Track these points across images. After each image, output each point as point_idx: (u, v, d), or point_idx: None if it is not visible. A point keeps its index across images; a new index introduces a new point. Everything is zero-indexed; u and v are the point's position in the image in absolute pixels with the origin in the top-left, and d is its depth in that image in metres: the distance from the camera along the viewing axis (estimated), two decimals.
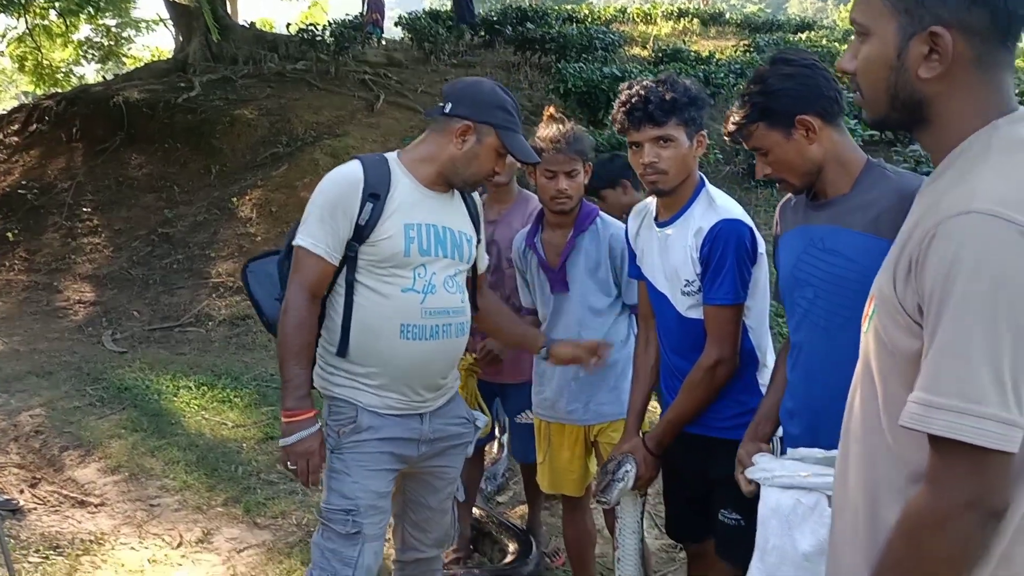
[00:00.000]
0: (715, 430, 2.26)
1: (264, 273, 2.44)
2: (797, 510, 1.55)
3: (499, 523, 3.48)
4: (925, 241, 1.04)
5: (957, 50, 1.09)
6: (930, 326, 1.03)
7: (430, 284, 2.21)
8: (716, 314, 2.19)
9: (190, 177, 9.81)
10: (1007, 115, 1.10)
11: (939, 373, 1.01)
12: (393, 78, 11.90)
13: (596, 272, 2.67)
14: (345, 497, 2.19)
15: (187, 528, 3.64)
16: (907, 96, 1.14)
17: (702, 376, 2.21)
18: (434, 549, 2.50)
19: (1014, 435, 0.99)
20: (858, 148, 1.92)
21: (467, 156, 2.23)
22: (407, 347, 2.19)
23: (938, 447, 1.03)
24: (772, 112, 1.87)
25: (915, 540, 1.04)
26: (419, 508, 2.43)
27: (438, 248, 2.24)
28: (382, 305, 2.18)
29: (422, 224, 2.22)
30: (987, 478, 1.00)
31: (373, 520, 2.22)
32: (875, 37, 1.15)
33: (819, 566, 1.48)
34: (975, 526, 1.01)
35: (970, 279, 0.99)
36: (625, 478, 2.29)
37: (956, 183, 1.07)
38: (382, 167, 2.22)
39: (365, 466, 2.20)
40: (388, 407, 2.23)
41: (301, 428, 2.14)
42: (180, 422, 4.87)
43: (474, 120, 2.21)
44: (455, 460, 2.45)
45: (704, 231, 2.19)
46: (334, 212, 2.15)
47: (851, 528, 1.19)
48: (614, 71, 10.32)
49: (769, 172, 1.93)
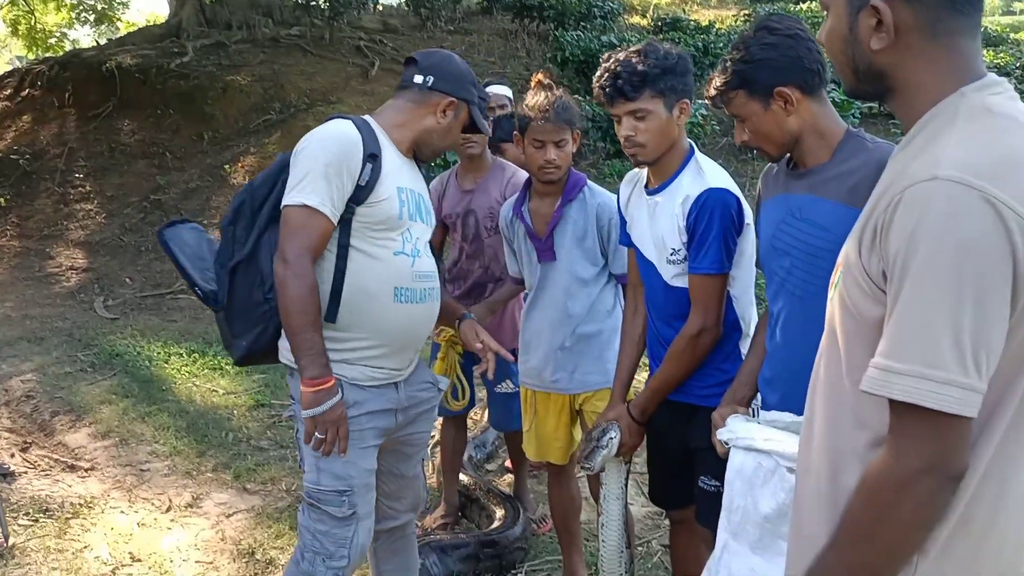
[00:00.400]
0: (697, 397, 2.27)
1: (182, 241, 2.33)
2: (759, 473, 1.58)
3: (487, 490, 3.50)
4: (890, 207, 1.04)
5: (903, 20, 1.09)
6: (893, 292, 1.03)
7: (416, 248, 2.22)
8: (701, 283, 2.20)
9: (182, 144, 9.76)
10: (975, 82, 1.10)
11: (900, 338, 1.01)
12: (389, 44, 11.79)
13: (583, 241, 2.66)
14: (339, 478, 2.13)
15: (176, 493, 3.67)
16: (866, 67, 1.15)
17: (685, 344, 2.23)
18: (409, 514, 2.51)
19: (973, 400, 0.99)
20: (838, 118, 1.92)
21: (444, 129, 2.27)
22: (400, 310, 2.17)
23: (898, 412, 1.03)
24: (751, 81, 1.87)
25: (874, 502, 1.05)
26: (392, 479, 2.41)
27: (418, 213, 2.26)
28: (376, 268, 2.15)
29: (407, 188, 2.22)
30: (946, 442, 1.01)
31: (366, 499, 2.20)
32: (832, 11, 1.18)
33: (779, 527, 1.50)
34: (933, 489, 1.02)
35: (933, 245, 0.99)
36: (609, 445, 2.31)
37: (923, 150, 1.07)
38: (370, 128, 2.19)
39: (356, 444, 2.15)
40: (369, 378, 2.18)
41: (329, 396, 2.06)
42: (171, 388, 4.88)
43: (456, 97, 2.25)
44: (426, 425, 2.44)
45: (691, 200, 2.19)
46: (339, 170, 2.08)
47: (814, 492, 1.20)
48: (612, 40, 10.26)
49: (747, 139, 1.93)
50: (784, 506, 1.50)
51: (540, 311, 2.73)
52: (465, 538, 3.19)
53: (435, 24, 13.14)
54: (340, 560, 2.15)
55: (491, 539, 3.14)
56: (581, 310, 2.66)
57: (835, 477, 1.16)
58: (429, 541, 3.13)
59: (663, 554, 3.23)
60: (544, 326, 2.72)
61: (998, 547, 1.09)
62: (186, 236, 2.35)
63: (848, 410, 1.15)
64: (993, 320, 1.00)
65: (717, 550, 1.68)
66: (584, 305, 2.66)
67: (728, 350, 2.28)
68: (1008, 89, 1.11)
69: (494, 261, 3.08)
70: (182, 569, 3.10)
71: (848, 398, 1.14)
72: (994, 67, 12.31)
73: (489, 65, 11.57)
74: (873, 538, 1.06)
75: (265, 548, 3.19)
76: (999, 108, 1.07)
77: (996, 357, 1.01)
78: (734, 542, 1.62)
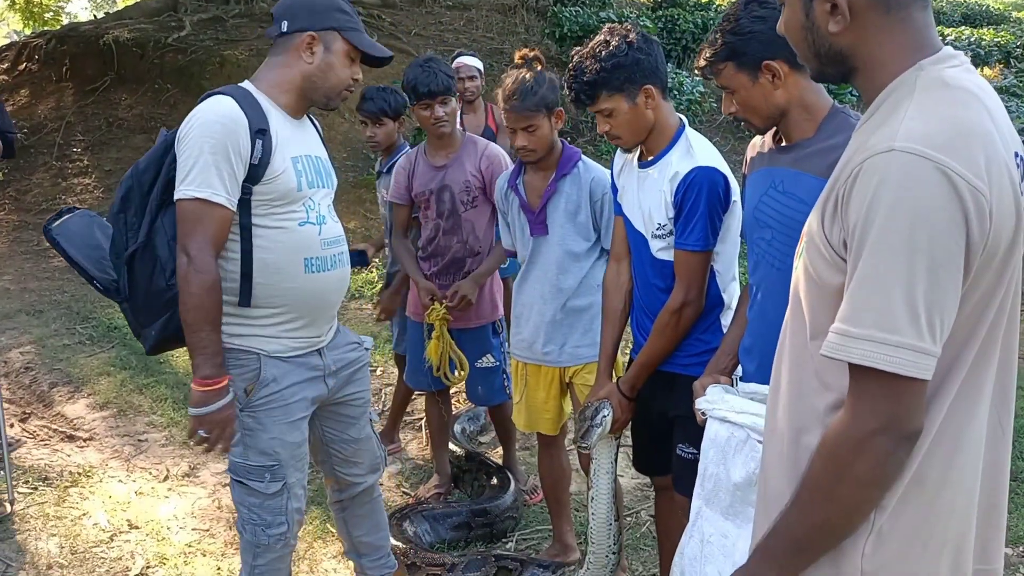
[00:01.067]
0: (679, 367, 2.32)
1: (70, 233, 2.27)
2: (731, 442, 1.62)
3: (479, 461, 3.57)
4: (850, 179, 1.08)
5: (856, 2, 1.13)
6: (852, 260, 1.07)
7: (320, 215, 2.18)
8: (686, 259, 2.24)
9: (180, 118, 9.47)
10: (932, 56, 1.13)
11: (857, 305, 1.05)
12: (387, 20, 11.72)
13: (576, 216, 2.69)
14: (264, 454, 2.14)
15: (174, 463, 3.73)
16: (827, 51, 1.19)
17: (669, 318, 2.28)
18: (371, 476, 2.51)
19: (926, 363, 1.04)
20: (825, 93, 1.94)
21: (321, 68, 2.13)
22: (312, 280, 2.14)
23: (856, 375, 1.07)
24: (740, 54, 1.89)
25: (834, 462, 1.10)
26: (344, 444, 2.41)
27: (318, 178, 2.20)
28: (283, 242, 2.10)
29: (302, 156, 2.15)
30: (901, 403, 1.05)
31: (295, 467, 2.20)
32: (787, 4, 1.22)
33: (749, 495, 1.55)
34: (890, 448, 1.07)
35: (889, 215, 1.03)
36: (603, 423, 2.35)
37: (882, 123, 1.10)
38: (252, 100, 2.08)
39: (279, 420, 2.15)
40: (289, 349, 2.17)
41: (218, 397, 2.02)
42: (168, 361, 4.93)
43: (315, 29, 2.10)
44: (362, 384, 2.43)
45: (679, 176, 2.22)
46: (227, 156, 1.98)
47: (778, 454, 1.24)
48: (611, 15, 10.20)
49: (735, 111, 1.96)
50: (754, 475, 1.54)
51: (531, 284, 2.77)
52: (457, 507, 3.26)
53: None
54: (279, 527, 2.19)
55: (482, 508, 3.21)
56: (572, 284, 2.70)
57: (798, 438, 1.21)
58: (422, 510, 3.19)
59: (651, 524, 3.29)
60: (535, 299, 2.76)
61: (950, 503, 1.14)
62: (74, 228, 2.29)
63: (812, 374, 1.19)
64: (947, 286, 1.03)
65: (692, 515, 1.73)
66: (575, 279, 2.70)
67: (709, 322, 2.32)
68: (965, 62, 1.14)
69: (472, 236, 3.10)
70: (179, 536, 3.16)
71: (812, 363, 1.18)
72: (995, 45, 12.25)
73: (488, 41, 11.52)
74: (833, 497, 1.11)
75: None
76: (955, 81, 1.10)
77: (950, 322, 1.06)
78: (707, 508, 1.67)
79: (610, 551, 2.53)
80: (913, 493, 1.11)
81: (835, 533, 1.13)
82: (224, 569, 2.96)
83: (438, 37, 11.63)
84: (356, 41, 2.15)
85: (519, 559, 2.85)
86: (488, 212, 3.11)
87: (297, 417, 2.20)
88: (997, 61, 12.03)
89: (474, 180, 3.07)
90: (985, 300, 1.10)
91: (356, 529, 2.56)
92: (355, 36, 2.15)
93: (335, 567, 2.93)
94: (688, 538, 1.73)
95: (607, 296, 2.53)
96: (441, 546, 3.09)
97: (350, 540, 2.60)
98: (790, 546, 1.16)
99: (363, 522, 2.56)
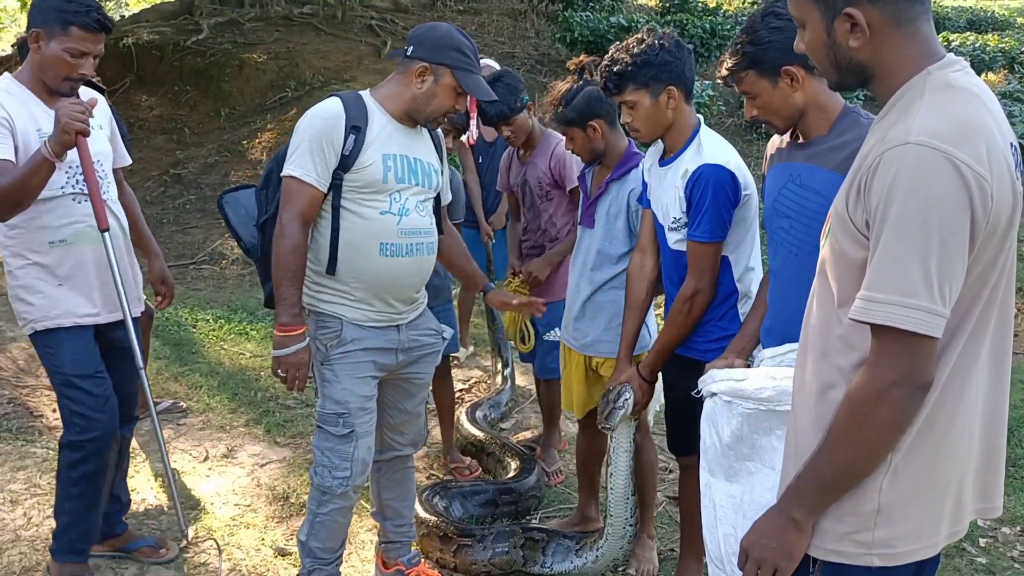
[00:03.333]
0: (699, 352, 2.50)
1: (237, 203, 2.65)
2: (715, 410, 1.80)
3: (502, 444, 3.75)
4: (872, 168, 1.26)
5: (873, 19, 1.30)
6: (874, 237, 1.25)
7: (404, 208, 2.46)
8: (696, 249, 2.42)
9: (200, 119, 9.95)
10: (938, 62, 1.31)
11: (880, 274, 1.23)
12: (400, 24, 11.92)
13: (616, 220, 2.84)
14: (337, 402, 2.48)
15: (212, 445, 3.92)
16: (847, 63, 1.36)
17: (680, 306, 2.45)
18: (410, 448, 2.82)
19: (938, 323, 1.22)
20: (837, 95, 2.13)
21: (426, 95, 2.43)
22: (386, 263, 2.43)
23: (878, 334, 1.26)
24: (761, 62, 2.07)
25: (858, 409, 1.28)
26: (397, 412, 2.73)
27: (411, 176, 2.47)
28: (364, 226, 2.41)
29: (396, 155, 2.44)
30: (916, 358, 1.23)
31: (363, 420, 2.52)
32: (808, 26, 1.38)
33: (740, 450, 1.73)
34: (906, 397, 1.25)
35: (906, 198, 1.21)
36: (625, 406, 2.54)
37: (898, 120, 1.28)
38: (359, 103, 2.43)
39: (351, 374, 2.48)
40: (369, 319, 2.49)
41: (295, 342, 2.37)
42: (200, 351, 5.12)
43: (430, 61, 2.41)
44: (427, 367, 2.73)
45: (689, 173, 2.41)
46: (321, 144, 2.34)
47: (806, 406, 1.42)
48: (621, 20, 10.38)
49: (756, 114, 2.14)
50: (737, 431, 1.73)
51: (574, 270, 2.97)
52: (484, 485, 3.44)
53: (445, 3, 13.26)
54: (343, 471, 2.51)
55: (508, 487, 3.39)
56: (603, 278, 2.87)
57: (824, 394, 1.38)
58: (451, 487, 3.38)
59: (668, 504, 3.47)
60: (573, 285, 2.96)
61: (956, 445, 1.32)
62: (241, 199, 2.67)
63: (836, 338, 1.37)
64: (955, 258, 1.22)
65: (702, 490, 1.89)
66: (606, 276, 2.86)
67: (725, 309, 2.49)
68: (965, 67, 1.33)
69: (550, 224, 3.41)
70: (222, 511, 3.34)
71: (838, 328, 1.36)
72: (999, 51, 12.42)
73: (498, 45, 11.71)
74: (857, 439, 1.29)
75: (299, 493, 3.43)
76: (958, 83, 1.29)
77: (958, 288, 1.24)
78: (712, 478, 1.83)
79: (627, 523, 2.70)
80: (924, 436, 1.30)
81: (858, 472, 1.31)
82: (267, 540, 3.13)
83: None
84: (462, 80, 2.42)
85: (545, 530, 3.03)
86: (565, 203, 3.38)
87: (367, 375, 2.52)
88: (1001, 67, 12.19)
89: (544, 176, 3.35)
90: (987, 270, 1.28)
91: (386, 492, 2.84)
92: (463, 76, 2.42)
93: (372, 539, 3.10)
94: (703, 510, 1.88)
95: (631, 285, 2.69)
96: (470, 521, 3.27)
97: (379, 502, 2.86)
98: (818, 485, 1.34)
99: (393, 487, 2.84)
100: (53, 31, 2.42)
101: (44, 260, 2.57)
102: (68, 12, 2.40)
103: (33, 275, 2.57)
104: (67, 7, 2.40)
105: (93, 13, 2.43)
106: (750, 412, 1.72)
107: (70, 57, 2.44)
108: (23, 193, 2.37)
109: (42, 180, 2.38)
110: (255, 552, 3.05)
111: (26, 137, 2.45)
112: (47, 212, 2.53)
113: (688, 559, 2.80)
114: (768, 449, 1.69)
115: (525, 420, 4.40)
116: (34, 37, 2.45)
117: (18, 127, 2.45)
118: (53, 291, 2.57)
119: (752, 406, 1.71)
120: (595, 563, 2.83)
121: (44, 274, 2.57)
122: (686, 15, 11.53)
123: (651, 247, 2.64)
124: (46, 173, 2.37)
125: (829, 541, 1.36)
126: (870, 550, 1.33)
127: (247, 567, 2.97)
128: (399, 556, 2.85)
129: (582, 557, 2.86)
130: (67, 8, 2.40)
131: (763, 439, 1.71)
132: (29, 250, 2.56)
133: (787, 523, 1.37)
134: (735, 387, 1.76)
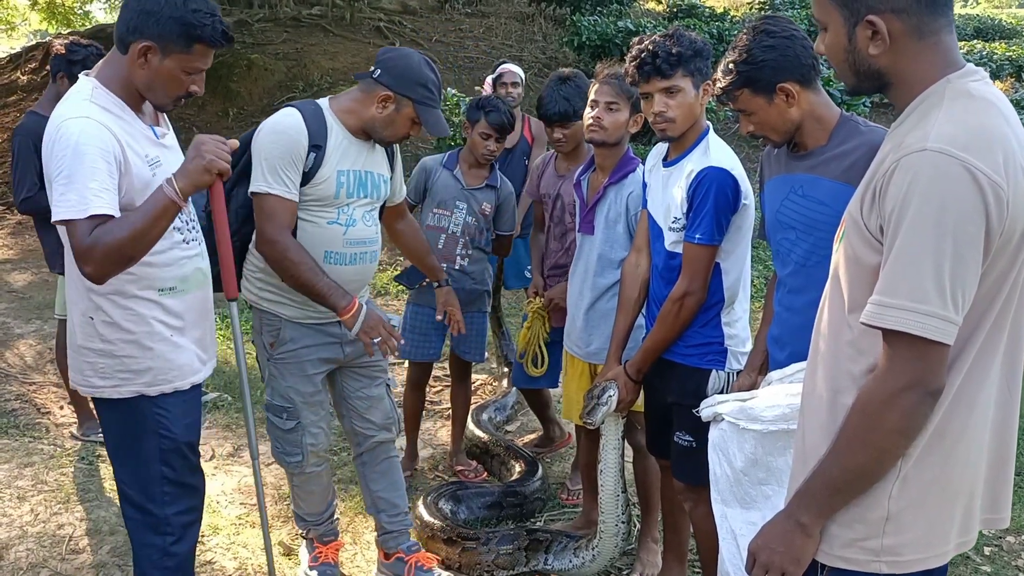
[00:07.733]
0: (677, 355, 2.48)
1: None
2: (723, 437, 1.79)
3: (506, 447, 3.75)
4: (888, 173, 1.26)
5: (895, 28, 1.31)
6: (888, 242, 1.25)
7: (351, 219, 2.58)
8: (692, 251, 2.39)
9: (208, 119, 9.98)
10: (957, 71, 1.32)
11: (893, 279, 1.24)
12: (408, 26, 11.97)
13: (615, 226, 2.82)
14: (282, 397, 2.68)
15: (218, 444, 3.93)
16: (866, 69, 1.36)
17: (671, 306, 2.42)
18: (384, 432, 2.88)
19: (950, 330, 1.22)
20: (832, 104, 2.14)
21: (385, 120, 2.54)
22: (328, 269, 2.53)
23: (889, 339, 1.26)
24: (756, 80, 2.07)
25: (868, 415, 1.28)
26: (360, 399, 2.83)
27: (359, 190, 2.60)
28: (312, 234, 2.53)
29: (350, 170, 2.56)
30: (927, 363, 1.23)
31: (309, 412, 2.69)
32: (830, 29, 1.38)
33: (755, 474, 1.72)
34: (916, 403, 1.25)
35: (921, 204, 1.21)
36: (608, 402, 2.53)
37: (915, 127, 1.29)
38: (318, 117, 2.51)
39: (294, 372, 2.65)
40: (309, 317, 2.61)
41: (359, 314, 2.49)
42: None
43: (394, 91, 2.50)
44: (378, 355, 2.73)
45: (693, 174, 2.39)
46: (291, 160, 2.45)
47: (816, 411, 1.42)
48: (628, 25, 10.39)
49: (752, 130, 2.14)
50: (751, 455, 1.72)
51: (575, 279, 2.93)
52: (490, 487, 3.45)
53: (453, 6, 13.29)
54: (295, 456, 2.73)
55: (514, 489, 3.40)
56: (607, 283, 2.85)
57: (835, 399, 1.38)
58: (457, 489, 3.38)
59: None
60: (575, 294, 2.93)
61: (965, 455, 1.32)
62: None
63: (847, 343, 1.37)
64: (969, 265, 1.22)
65: (717, 522, 1.87)
66: (611, 281, 2.84)
67: (709, 317, 2.46)
68: (984, 77, 1.33)
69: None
70: (228, 510, 3.35)
71: (849, 333, 1.36)
72: (1006, 59, 12.40)
73: (506, 48, 11.74)
74: (867, 444, 1.29)
75: None
76: (977, 92, 1.29)
77: (971, 296, 1.24)
78: (728, 508, 1.81)
79: (619, 520, 2.70)
80: (935, 445, 1.30)
81: (867, 476, 1.31)
82: (272, 539, 3.14)
83: (458, 43, 11.85)
84: (422, 115, 2.54)
85: (548, 531, 3.05)
86: None
87: (308, 373, 2.67)
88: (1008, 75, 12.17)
89: None
90: (1000, 279, 1.28)
91: (374, 484, 2.90)
92: (423, 111, 2.53)
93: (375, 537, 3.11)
94: (722, 542, 1.85)
95: (624, 284, 2.67)
96: (475, 523, 3.28)
97: (370, 495, 2.93)
98: (827, 489, 1.34)
99: (380, 478, 2.90)
100: (170, 47, 2.01)
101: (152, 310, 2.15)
102: (194, 26, 2.00)
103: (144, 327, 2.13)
104: (193, 20, 2.00)
105: (219, 25, 2.06)
106: (763, 433, 1.70)
107: (185, 75, 2.06)
108: (142, 245, 1.96)
109: (165, 228, 2.00)
110: (261, 551, 3.06)
111: (139, 169, 2.04)
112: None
113: (670, 561, 2.82)
114: (784, 470, 1.68)
115: (531, 423, 4.40)
116: (142, 51, 2.01)
117: (130, 161, 2.02)
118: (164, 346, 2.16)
119: (762, 427, 1.70)
120: (592, 562, 2.86)
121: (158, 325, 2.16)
122: (694, 20, 11.54)
123: (646, 247, 2.62)
124: (171, 219, 2.00)
125: (837, 547, 1.36)
126: (878, 557, 1.33)
127: (253, 566, 2.98)
128: (398, 545, 2.90)
129: (580, 556, 2.90)
130: (193, 21, 1.99)
131: (778, 460, 1.70)
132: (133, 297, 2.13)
133: (795, 528, 1.37)
134: (743, 407, 1.75)
